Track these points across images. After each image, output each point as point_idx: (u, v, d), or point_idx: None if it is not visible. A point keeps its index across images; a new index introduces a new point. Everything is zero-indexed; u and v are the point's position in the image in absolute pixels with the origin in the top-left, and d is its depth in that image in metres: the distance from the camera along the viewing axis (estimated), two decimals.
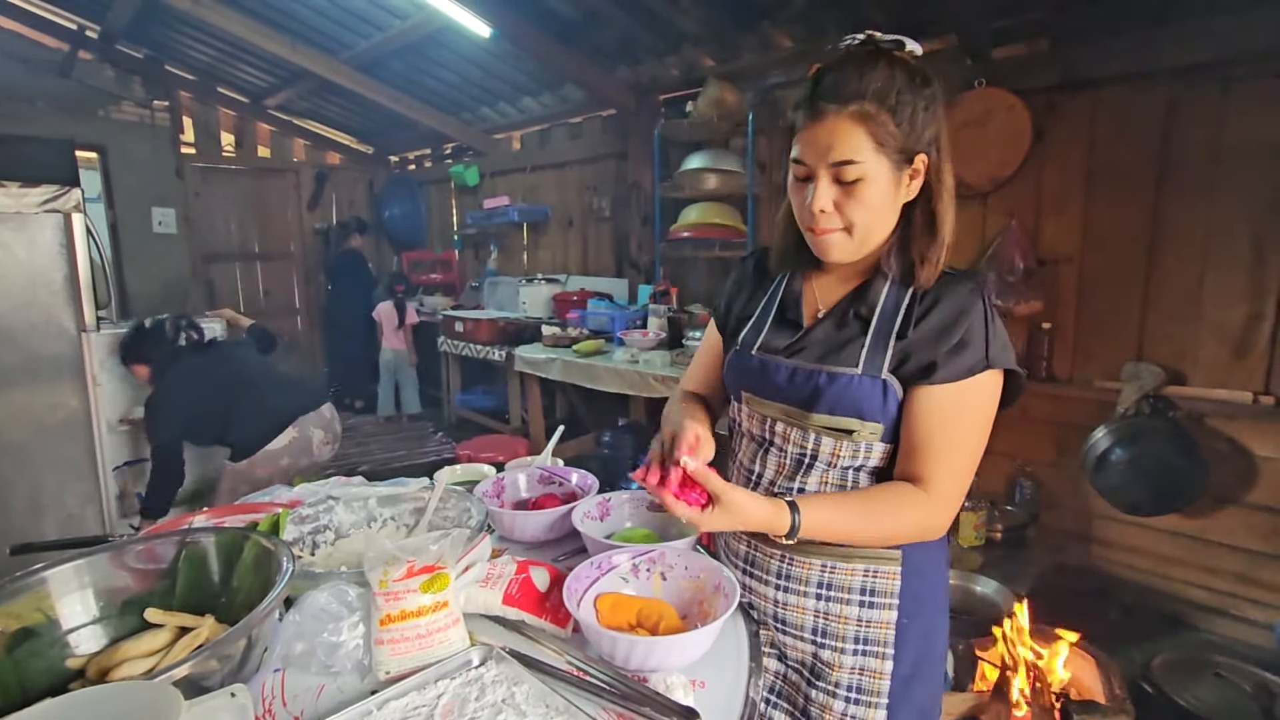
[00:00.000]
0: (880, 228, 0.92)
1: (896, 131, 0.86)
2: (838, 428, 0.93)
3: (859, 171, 0.86)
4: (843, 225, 0.90)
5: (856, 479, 0.97)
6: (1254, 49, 2.22)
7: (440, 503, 1.19)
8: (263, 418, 2.45)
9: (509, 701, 0.77)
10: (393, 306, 5.44)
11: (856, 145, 0.85)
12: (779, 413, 0.99)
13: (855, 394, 0.91)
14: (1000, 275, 2.74)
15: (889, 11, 2.80)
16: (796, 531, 0.87)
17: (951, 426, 0.89)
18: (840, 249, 0.93)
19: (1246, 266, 2.34)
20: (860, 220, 0.89)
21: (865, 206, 0.89)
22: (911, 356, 0.90)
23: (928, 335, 0.90)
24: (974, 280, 0.93)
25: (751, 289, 1.11)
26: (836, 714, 0.98)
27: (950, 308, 0.90)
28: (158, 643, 0.82)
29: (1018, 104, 2.65)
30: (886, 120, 0.85)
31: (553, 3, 3.46)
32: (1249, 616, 2.39)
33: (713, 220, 3.68)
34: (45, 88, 5.02)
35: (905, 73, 0.87)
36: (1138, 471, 2.37)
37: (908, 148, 0.88)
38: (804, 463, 0.98)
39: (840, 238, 0.92)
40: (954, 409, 0.89)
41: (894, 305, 0.93)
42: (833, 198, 0.89)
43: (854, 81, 0.85)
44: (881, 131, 0.85)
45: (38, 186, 2.27)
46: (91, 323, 2.43)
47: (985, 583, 2.34)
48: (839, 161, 0.86)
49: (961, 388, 0.88)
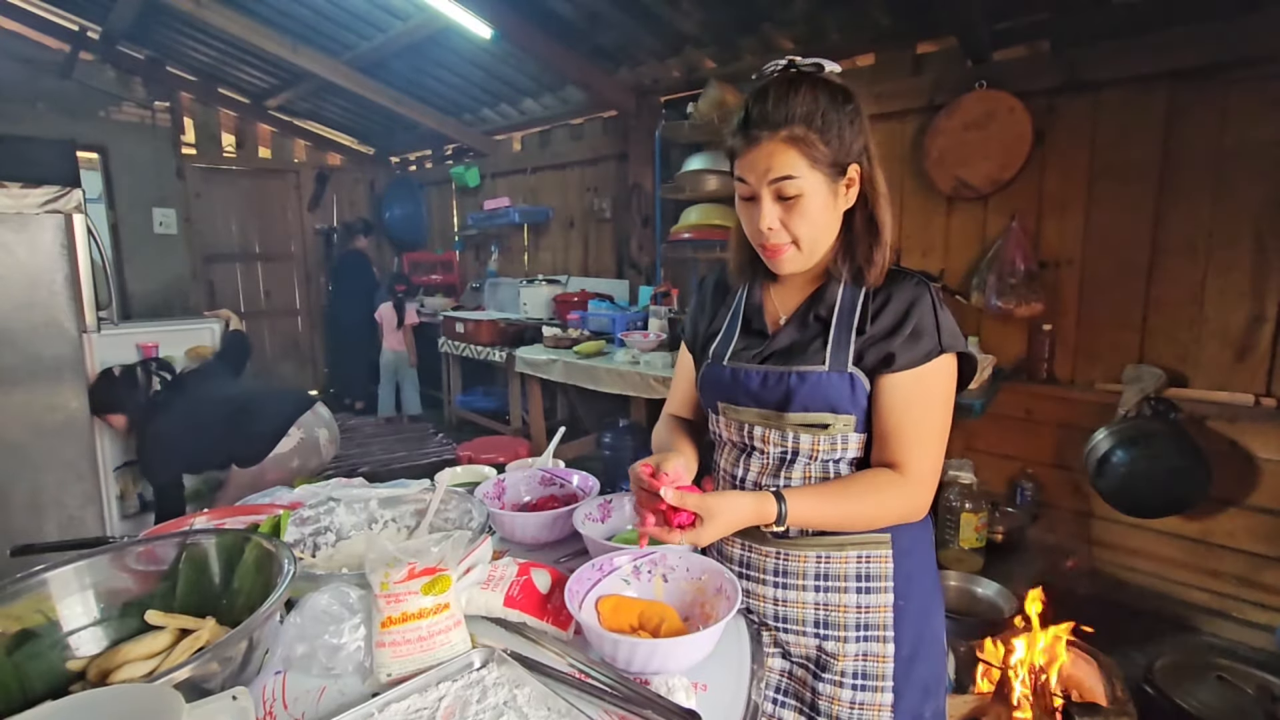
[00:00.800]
0: (825, 236, 0.99)
1: (825, 149, 0.93)
2: (813, 423, 0.99)
3: (797, 187, 0.93)
4: (790, 239, 0.97)
5: (838, 470, 1.01)
6: (1253, 52, 2.22)
7: (441, 504, 1.19)
8: (262, 430, 2.43)
9: (510, 704, 0.77)
10: (392, 308, 5.44)
11: (792, 164, 0.93)
12: (755, 417, 1.03)
13: (825, 390, 0.97)
14: (1001, 277, 2.74)
15: (891, 14, 2.81)
16: (784, 519, 0.93)
17: (916, 410, 0.96)
18: (792, 262, 1.00)
19: (1248, 269, 2.34)
20: (805, 233, 0.97)
21: (807, 219, 0.95)
22: (871, 349, 0.97)
23: (884, 329, 0.97)
24: (919, 276, 1.00)
25: (714, 307, 1.17)
26: (845, 703, 1.01)
27: (901, 302, 0.98)
28: (158, 645, 0.82)
29: (1018, 106, 2.65)
30: (815, 140, 0.92)
31: (554, 4, 3.46)
32: (1251, 619, 2.38)
33: (713, 222, 3.68)
34: (46, 88, 5.02)
35: (827, 93, 0.93)
36: (1139, 474, 2.36)
37: (839, 160, 0.95)
38: (785, 460, 1.02)
39: (790, 251, 0.99)
40: (917, 393, 0.96)
41: (850, 304, 1.00)
42: (777, 215, 0.96)
43: (781, 108, 0.92)
44: (812, 150, 0.92)
45: (39, 187, 2.27)
46: (92, 324, 2.42)
47: (986, 584, 2.33)
48: (778, 178, 0.93)
49: (920, 373, 0.96)
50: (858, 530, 1.00)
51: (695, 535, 0.89)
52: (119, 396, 2.45)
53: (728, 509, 0.91)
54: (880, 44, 3.04)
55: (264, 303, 6.62)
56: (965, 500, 2.48)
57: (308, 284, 6.80)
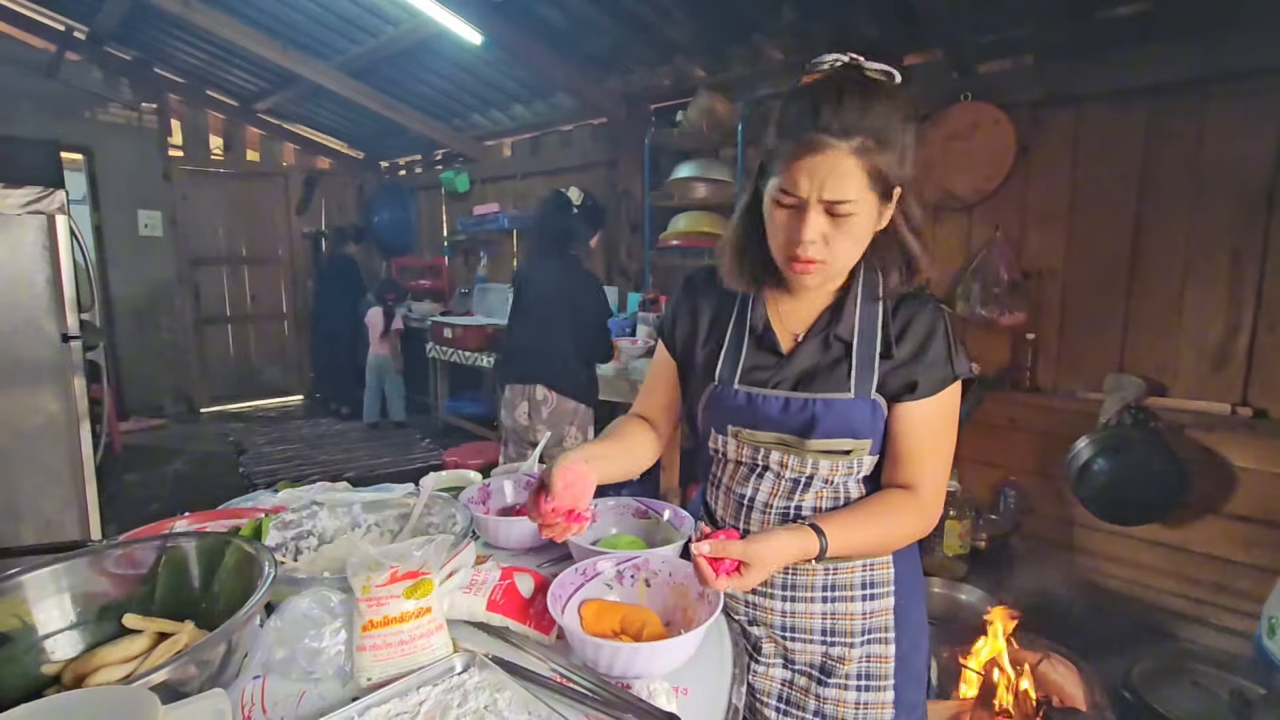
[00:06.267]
0: (858, 257, 0.94)
1: (886, 170, 0.86)
2: (835, 450, 0.96)
3: (852, 207, 0.86)
4: (826, 257, 0.90)
5: (847, 490, 1.01)
6: (1231, 67, 2.27)
7: (425, 509, 1.18)
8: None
9: (491, 708, 0.76)
10: (381, 313, 5.43)
11: (856, 183, 0.85)
12: (774, 441, 0.99)
13: (850, 416, 0.95)
14: (986, 286, 2.77)
15: (878, 26, 2.85)
16: (825, 553, 0.90)
17: (932, 436, 0.97)
18: (819, 278, 0.94)
19: (1225, 280, 2.38)
20: (844, 252, 0.91)
21: (851, 239, 0.90)
22: (894, 375, 0.95)
23: (907, 355, 0.96)
24: (934, 300, 1.00)
25: (711, 314, 1.07)
26: (850, 704, 1.02)
27: (922, 326, 0.96)
28: (136, 648, 0.81)
29: (1003, 118, 2.69)
30: (888, 160, 0.85)
31: (545, 11, 3.48)
32: (1227, 625, 2.41)
33: (702, 229, 3.70)
34: (31, 88, 4.98)
35: (901, 108, 0.86)
36: (1119, 482, 2.39)
37: (893, 182, 0.88)
38: (800, 483, 0.99)
39: (821, 269, 0.91)
40: (933, 419, 0.96)
41: (870, 325, 0.97)
42: (822, 229, 0.88)
43: (855, 115, 0.83)
44: (881, 170, 0.85)
45: (21, 188, 2.25)
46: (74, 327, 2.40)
47: (970, 591, 2.35)
48: (837, 199, 0.85)
49: (938, 399, 0.96)
50: (881, 554, 1.02)
51: (741, 582, 0.85)
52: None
53: (773, 553, 0.86)
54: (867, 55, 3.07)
55: (250, 307, 6.57)
56: (950, 508, 2.50)
57: (294, 288, 6.76)
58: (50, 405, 2.40)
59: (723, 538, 0.86)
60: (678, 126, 3.75)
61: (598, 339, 2.86)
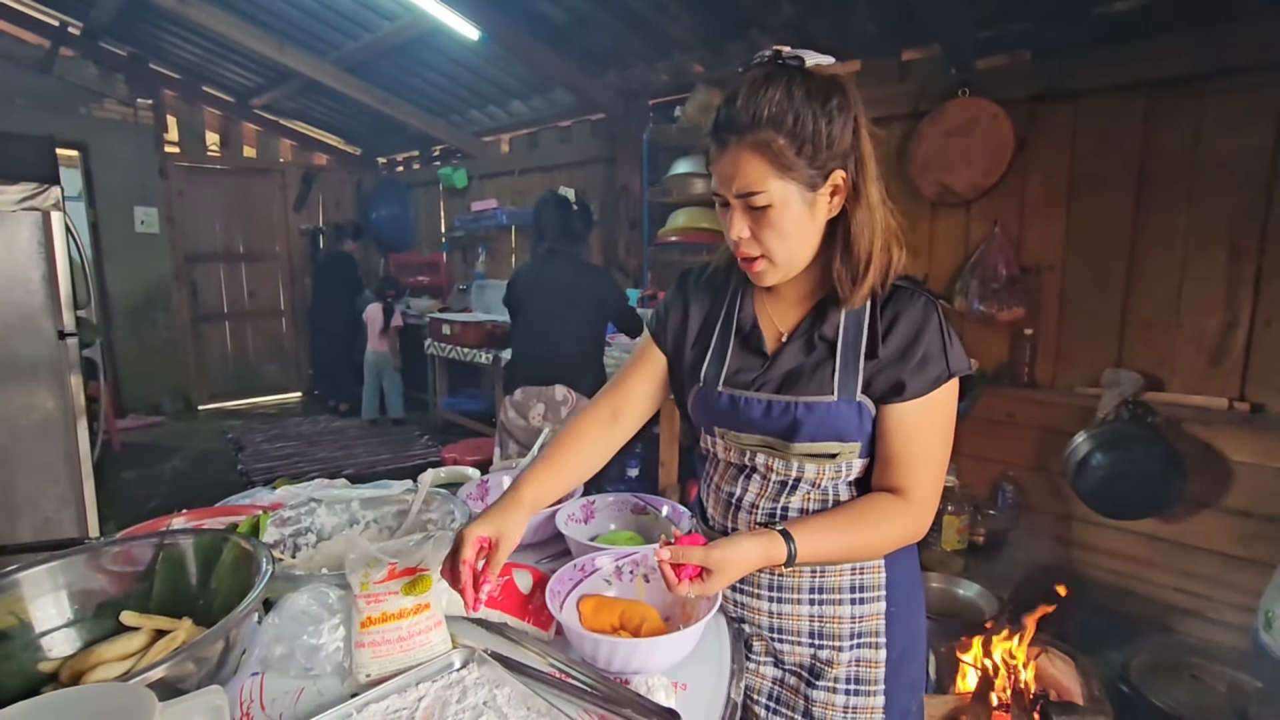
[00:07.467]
0: (801, 250, 0.92)
1: (797, 156, 0.84)
2: (820, 453, 0.94)
3: (765, 199, 0.86)
4: (760, 253, 0.90)
5: (837, 492, 0.98)
6: (1228, 63, 2.27)
7: (424, 505, 1.18)
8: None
9: (490, 704, 0.76)
10: (380, 310, 5.42)
11: (758, 174, 0.85)
12: (758, 443, 0.98)
13: (834, 419, 0.92)
14: (984, 282, 2.77)
15: (876, 21, 2.84)
16: (794, 559, 0.89)
17: (922, 436, 0.93)
18: (768, 275, 0.93)
19: (1222, 275, 2.38)
20: (775, 247, 0.89)
21: (778, 233, 0.88)
22: (880, 376, 0.92)
23: (893, 354, 0.92)
24: (926, 295, 0.94)
25: (702, 314, 1.06)
26: (839, 708, 1.00)
27: (909, 324, 0.92)
28: (133, 646, 0.81)
29: (1000, 113, 2.69)
30: (784, 146, 0.83)
31: (542, 7, 3.46)
32: (1224, 619, 2.42)
33: (700, 225, 3.70)
34: (25, 84, 4.96)
35: (804, 89, 0.84)
36: (1117, 476, 2.39)
37: (818, 167, 0.86)
38: (787, 486, 0.98)
39: (764, 265, 0.91)
40: (925, 420, 0.92)
41: (855, 324, 0.94)
42: (748, 225, 0.89)
43: (747, 109, 0.83)
44: (782, 158, 0.84)
45: (16, 184, 2.24)
46: (70, 324, 2.39)
47: (968, 586, 2.36)
48: (743, 193, 0.86)
49: (930, 399, 0.92)
50: (863, 560, 0.99)
51: (704, 587, 0.85)
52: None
53: (735, 559, 0.85)
54: (866, 51, 3.06)
55: (248, 303, 6.56)
56: (948, 503, 2.51)
57: (292, 285, 6.74)
58: (47, 403, 2.39)
59: (686, 544, 0.85)
60: (676, 122, 3.74)
61: (631, 319, 2.99)
